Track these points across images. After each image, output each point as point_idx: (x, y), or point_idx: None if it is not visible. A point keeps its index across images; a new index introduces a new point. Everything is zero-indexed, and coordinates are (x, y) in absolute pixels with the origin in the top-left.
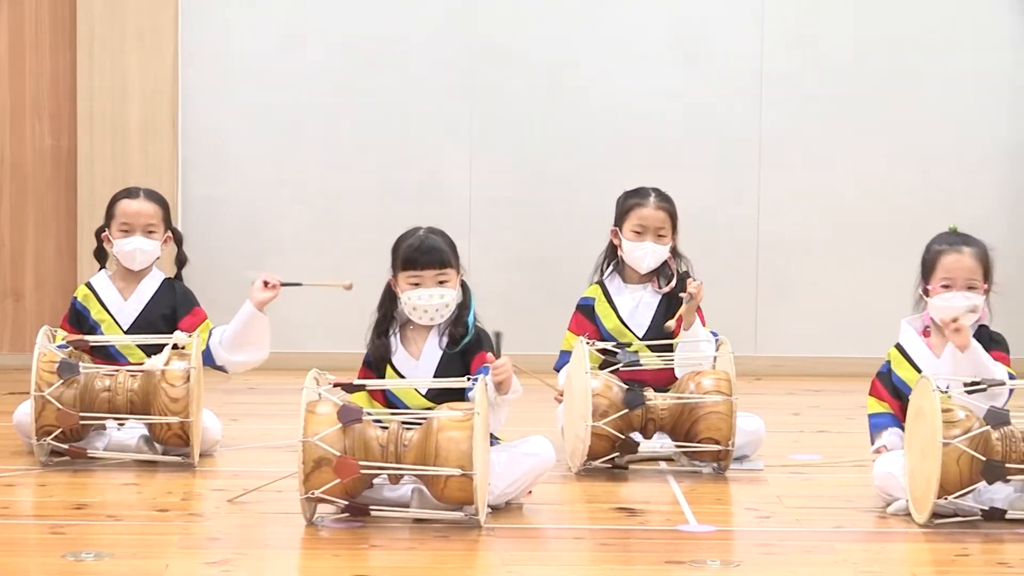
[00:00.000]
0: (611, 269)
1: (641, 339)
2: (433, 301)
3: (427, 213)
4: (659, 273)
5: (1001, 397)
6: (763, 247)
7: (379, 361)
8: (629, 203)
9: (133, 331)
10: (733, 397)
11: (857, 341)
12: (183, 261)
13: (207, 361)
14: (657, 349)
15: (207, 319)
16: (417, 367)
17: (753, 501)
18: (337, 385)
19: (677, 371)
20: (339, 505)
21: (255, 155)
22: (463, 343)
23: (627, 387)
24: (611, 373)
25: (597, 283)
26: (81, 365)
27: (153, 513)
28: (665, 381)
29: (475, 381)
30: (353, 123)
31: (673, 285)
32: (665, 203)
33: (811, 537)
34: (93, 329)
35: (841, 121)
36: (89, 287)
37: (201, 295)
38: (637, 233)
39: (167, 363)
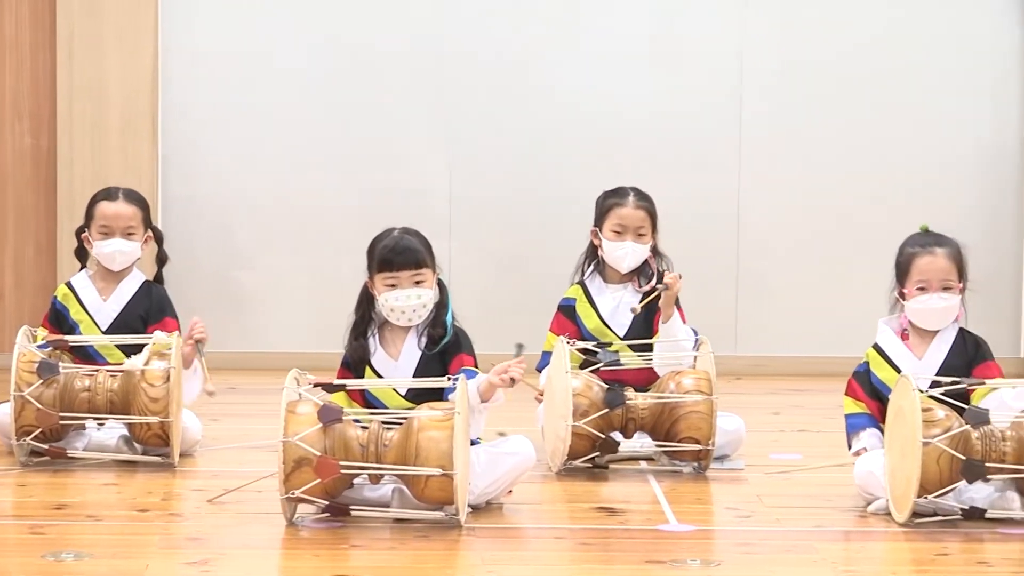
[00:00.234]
0: (592, 269)
1: (622, 339)
2: (411, 302)
3: (406, 213)
4: (640, 273)
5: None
6: (743, 247)
7: (358, 363)
8: (608, 203)
9: (111, 332)
10: (713, 396)
11: (837, 341)
12: (164, 260)
13: None
14: (638, 349)
15: (178, 330)
16: (396, 368)
17: (733, 500)
18: (317, 385)
19: (658, 370)
20: (319, 505)
21: (235, 155)
22: (442, 344)
23: (608, 387)
24: (592, 373)
25: (578, 283)
26: (61, 365)
27: (133, 513)
28: (645, 381)
29: (455, 381)
30: (332, 123)
31: (653, 283)
32: (644, 202)
33: (791, 536)
34: (72, 329)
35: (822, 122)
36: (69, 287)
37: (179, 294)
38: (617, 233)
39: (147, 363)
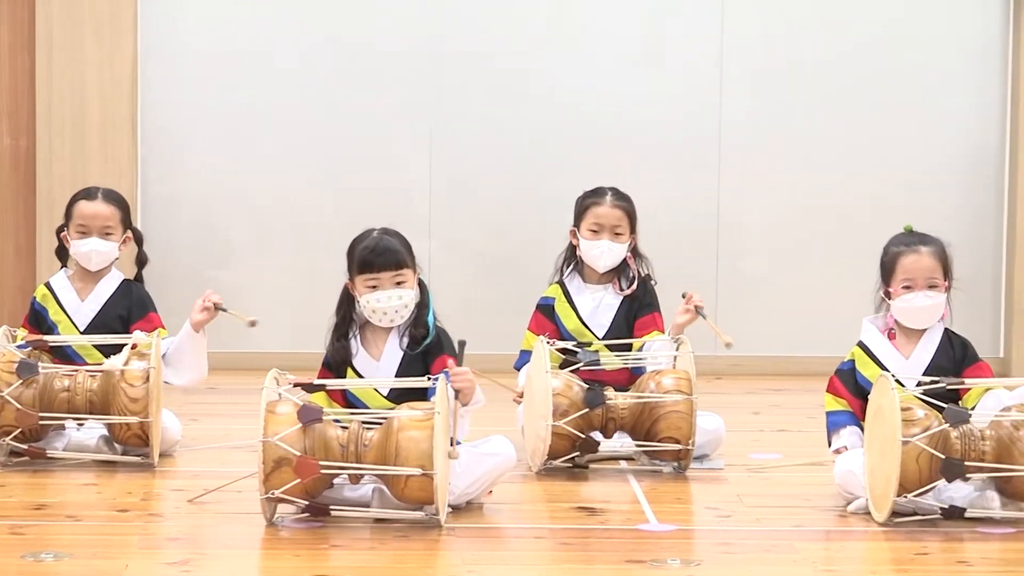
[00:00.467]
0: (571, 269)
1: (601, 339)
2: (392, 303)
3: (387, 213)
4: (620, 274)
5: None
6: (723, 247)
7: (340, 364)
8: (586, 202)
9: (89, 332)
10: (693, 396)
11: (817, 340)
12: (143, 261)
13: None
14: (616, 349)
15: (161, 327)
16: (378, 369)
17: (713, 500)
18: (297, 385)
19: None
20: (299, 505)
21: (215, 155)
22: (424, 344)
23: (587, 386)
24: (571, 372)
25: (557, 283)
26: (40, 365)
27: (113, 513)
28: (625, 380)
29: (436, 381)
30: (313, 123)
31: (635, 288)
32: (622, 202)
33: (771, 536)
34: (51, 329)
35: (803, 122)
36: (48, 287)
37: (159, 294)
38: (593, 232)
39: (126, 363)
